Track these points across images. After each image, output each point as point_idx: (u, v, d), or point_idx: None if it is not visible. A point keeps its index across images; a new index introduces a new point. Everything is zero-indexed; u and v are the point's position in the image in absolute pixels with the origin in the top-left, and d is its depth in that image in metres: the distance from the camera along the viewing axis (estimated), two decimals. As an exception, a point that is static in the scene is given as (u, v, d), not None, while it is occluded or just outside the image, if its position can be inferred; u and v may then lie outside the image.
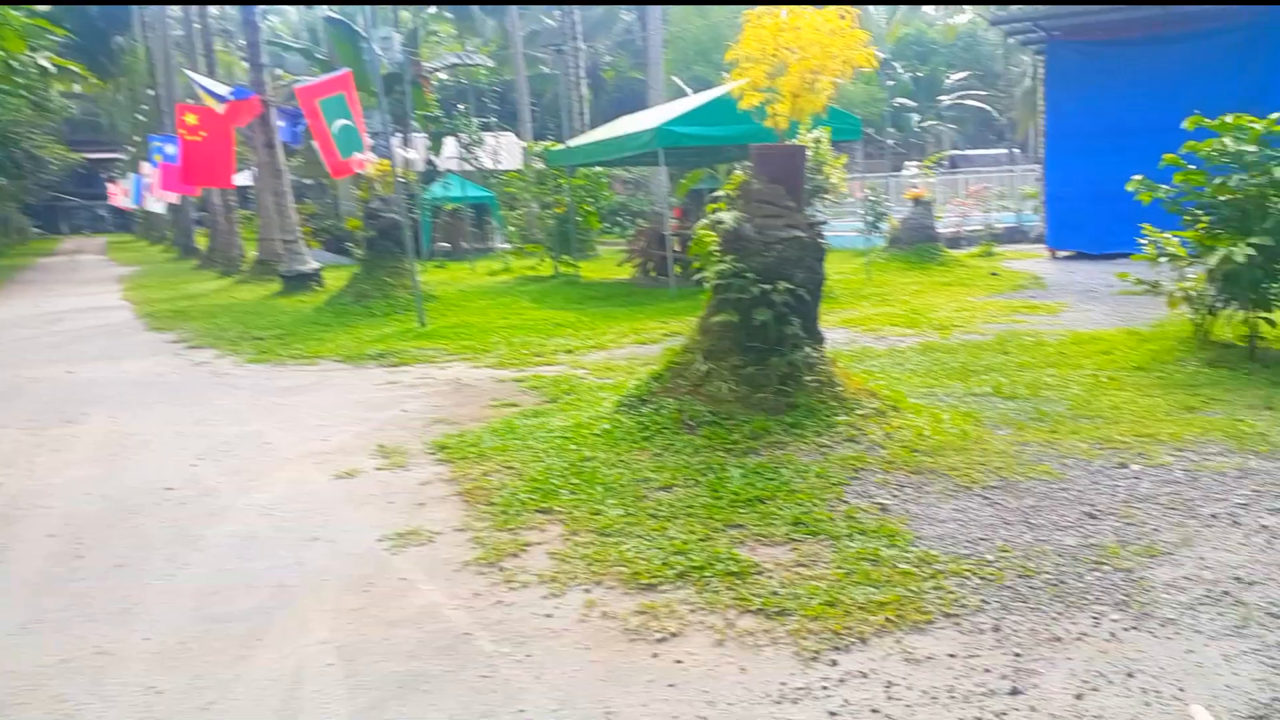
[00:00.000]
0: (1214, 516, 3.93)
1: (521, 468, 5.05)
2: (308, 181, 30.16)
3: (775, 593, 3.42)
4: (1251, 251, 6.23)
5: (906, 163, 32.71)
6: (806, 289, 5.51)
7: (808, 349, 5.45)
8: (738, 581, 3.53)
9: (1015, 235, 21.50)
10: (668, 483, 4.61)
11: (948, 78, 47.64)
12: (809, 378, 5.35)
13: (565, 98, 26.02)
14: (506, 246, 22.42)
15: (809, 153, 13.12)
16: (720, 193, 6.23)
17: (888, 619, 3.20)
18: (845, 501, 4.28)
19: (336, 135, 12.92)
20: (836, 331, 9.33)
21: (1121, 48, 15.76)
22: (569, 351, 9.18)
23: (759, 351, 5.42)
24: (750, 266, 5.45)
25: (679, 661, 3.03)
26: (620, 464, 4.92)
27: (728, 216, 5.64)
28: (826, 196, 13.77)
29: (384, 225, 13.47)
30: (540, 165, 18.16)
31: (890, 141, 41.16)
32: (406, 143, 24.55)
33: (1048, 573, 3.49)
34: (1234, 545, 3.64)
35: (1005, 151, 42.33)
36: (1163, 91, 14.42)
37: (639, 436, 5.24)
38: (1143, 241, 7.63)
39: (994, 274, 14.44)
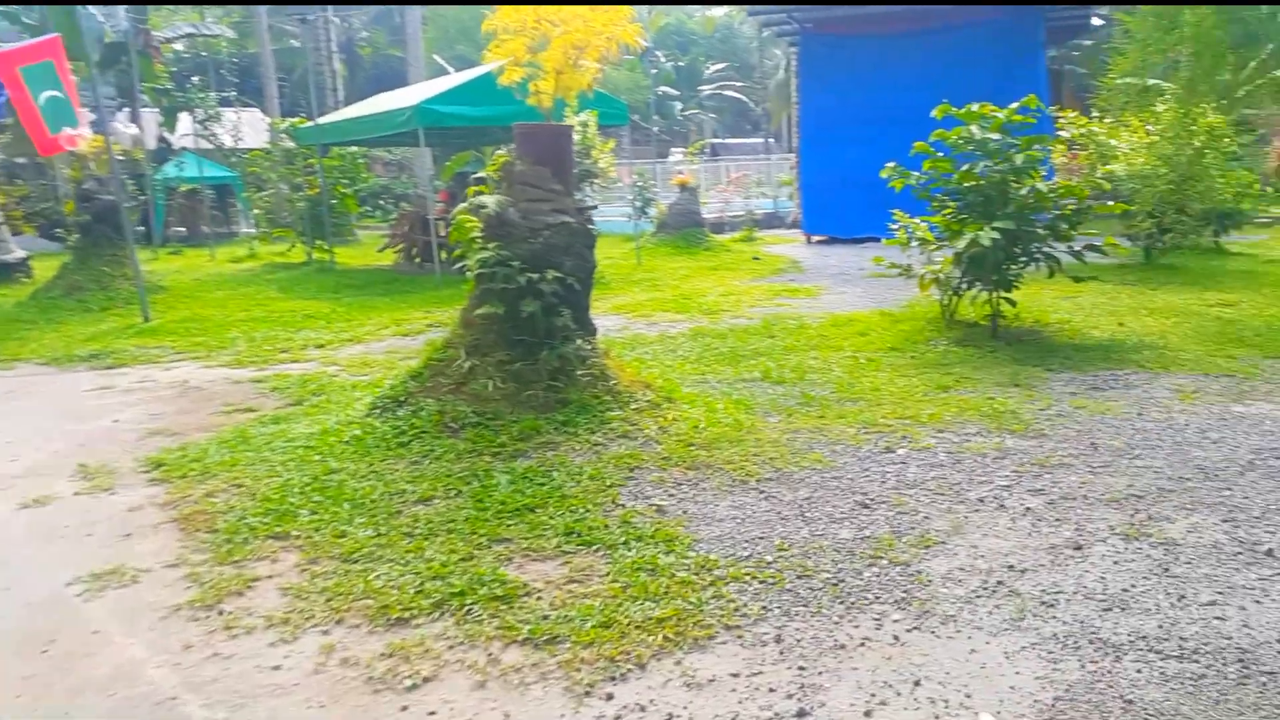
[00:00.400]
0: (980, 501, 3.97)
1: (253, 485, 4.39)
2: (20, 160, 26.52)
3: (545, 617, 3.06)
4: (996, 235, 6.54)
5: (672, 150, 33.37)
6: (577, 277, 5.18)
7: (579, 341, 5.12)
8: (503, 607, 3.14)
9: (774, 221, 22.35)
10: (426, 495, 4.13)
11: (707, 68, 49.16)
12: (581, 372, 5.03)
13: (315, 73, 24.34)
14: (253, 231, 20.69)
15: (576, 135, 12.86)
16: (482, 174, 5.76)
17: (667, 637, 2.91)
18: (621, 505, 3.98)
19: (43, 108, 11.18)
20: (608, 318, 9.11)
21: (870, 41, 16.62)
22: (320, 346, 8.39)
23: (527, 345, 5.03)
24: (516, 254, 5.04)
25: (433, 714, 2.60)
26: (372, 475, 4.38)
27: (490, 200, 5.20)
28: (596, 181, 13.57)
29: (100, 209, 11.87)
30: (289, 144, 16.80)
31: (655, 129, 41.93)
32: (135, 118, 22.07)
33: (826, 571, 3.34)
34: (1003, 530, 3.66)
35: (761, 141, 44.19)
36: (910, 83, 15.31)
37: (394, 443, 4.71)
38: (894, 227, 7.92)
39: (756, 258, 14.82)
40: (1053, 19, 16.16)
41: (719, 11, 50.99)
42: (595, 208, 6.37)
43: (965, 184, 7.01)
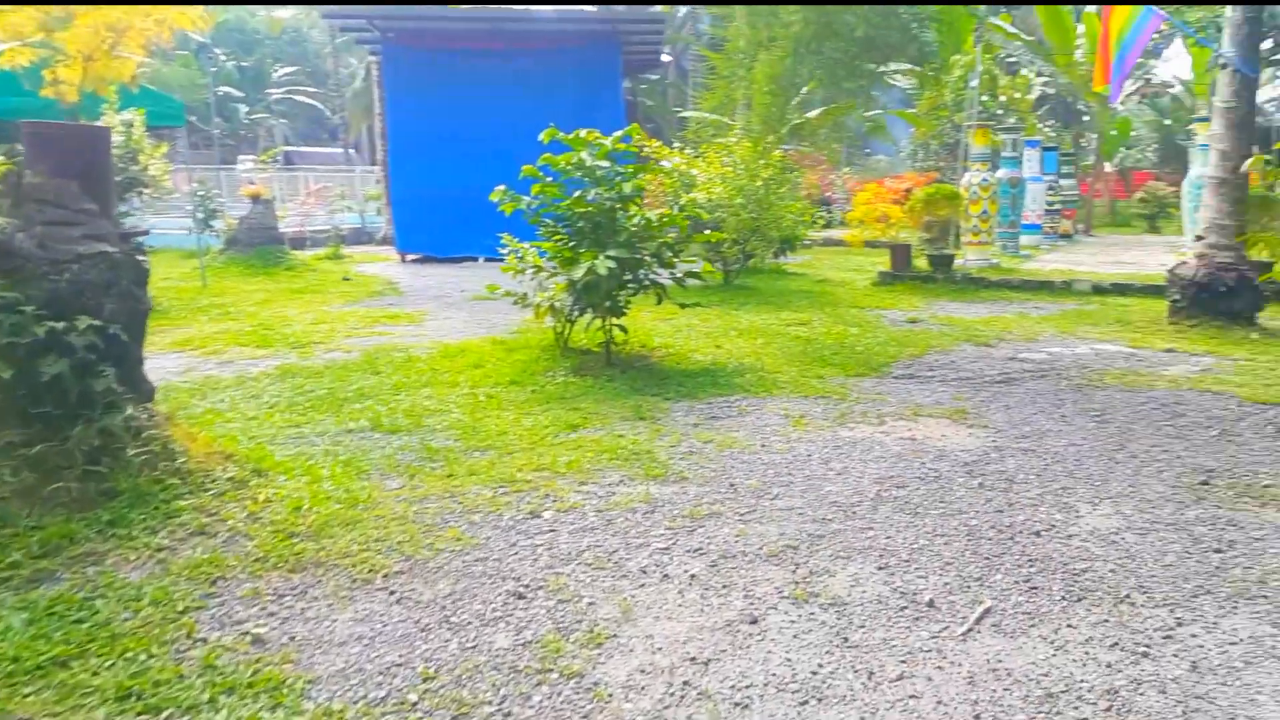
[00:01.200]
0: (643, 571, 3.54)
1: None
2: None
3: None
4: (613, 264, 6.31)
5: (240, 156, 30.40)
6: (123, 324, 3.97)
7: (129, 408, 3.92)
8: None
9: (361, 237, 21.12)
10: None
11: (275, 71, 45.80)
12: (134, 450, 3.84)
13: None
14: None
15: (118, 138, 10.81)
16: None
17: None
18: (200, 640, 2.97)
19: None
20: (168, 358, 7.60)
21: (456, 57, 16.19)
22: None
23: (52, 420, 3.73)
24: (30, 297, 3.72)
25: None
26: None
27: (-15, 220, 3.81)
28: (145, 191, 11.56)
29: None
30: None
31: (217, 132, 38.02)
32: None
33: (489, 704, 2.68)
34: (673, 608, 3.25)
35: (342, 151, 42.09)
36: (498, 103, 15.11)
37: None
38: (504, 251, 7.45)
39: (347, 279, 13.66)
40: (629, 52, 16.93)
41: (286, 12, 47.81)
42: (147, 233, 5.09)
43: (577, 211, 6.73)
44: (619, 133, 6.80)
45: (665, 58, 20.64)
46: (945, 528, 3.96)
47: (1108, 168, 29.11)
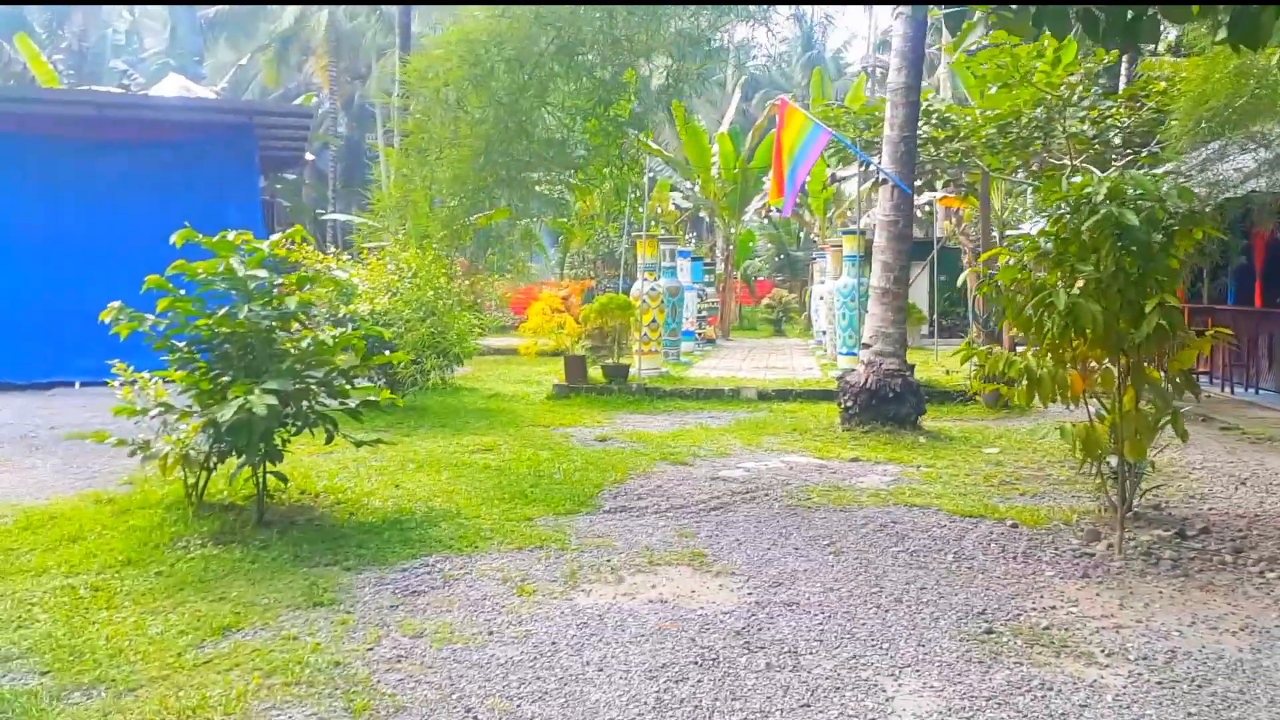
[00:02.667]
0: None
1: None
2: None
3: None
4: (273, 400, 4.92)
5: None
6: None
7: None
8: None
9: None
10: None
11: None
12: None
13: None
14: None
15: None
16: None
17: None
18: None
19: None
20: None
21: (57, 146, 13.60)
22: None
23: None
24: None
25: None
26: None
27: None
28: None
29: None
30: None
31: None
32: None
33: None
34: None
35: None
36: (107, 200, 12.89)
37: None
38: (116, 385, 5.72)
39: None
40: (268, 147, 15.27)
41: None
42: None
43: (222, 331, 5.25)
44: (279, 235, 5.48)
45: (308, 155, 19.03)
46: (752, 739, 3.12)
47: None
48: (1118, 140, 10.74)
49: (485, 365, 17.17)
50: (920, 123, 10.21)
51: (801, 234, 32.55)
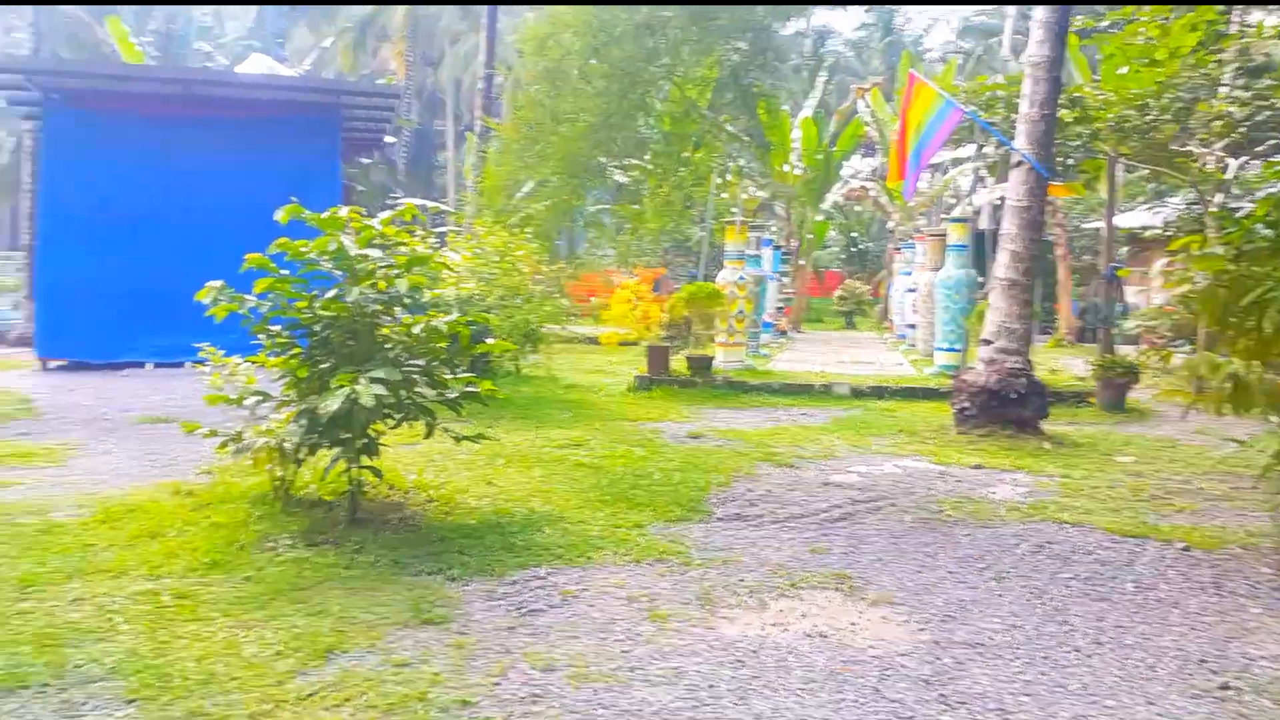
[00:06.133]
0: None
1: None
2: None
3: None
4: (381, 390, 4.41)
5: None
6: None
7: None
8: None
9: (-13, 335, 16.97)
10: None
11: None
12: None
13: None
14: None
15: None
16: None
17: None
18: None
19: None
20: None
21: (140, 123, 13.43)
22: None
23: None
24: None
25: None
26: None
27: None
28: None
29: None
30: None
31: None
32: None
33: None
34: None
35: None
36: (190, 178, 12.69)
37: None
38: (207, 371, 5.28)
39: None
40: (351, 129, 14.93)
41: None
42: None
43: (324, 315, 4.75)
44: (390, 213, 4.97)
45: (389, 139, 18.70)
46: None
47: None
48: (1270, 123, 9.78)
49: (554, 354, 16.69)
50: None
51: (873, 224, 31.52)
